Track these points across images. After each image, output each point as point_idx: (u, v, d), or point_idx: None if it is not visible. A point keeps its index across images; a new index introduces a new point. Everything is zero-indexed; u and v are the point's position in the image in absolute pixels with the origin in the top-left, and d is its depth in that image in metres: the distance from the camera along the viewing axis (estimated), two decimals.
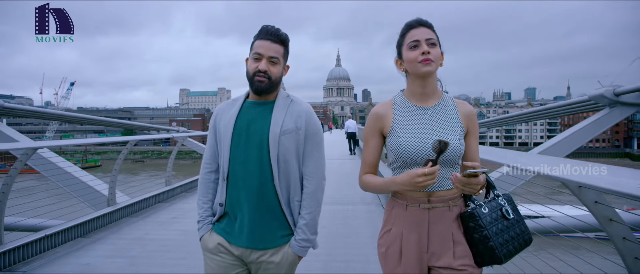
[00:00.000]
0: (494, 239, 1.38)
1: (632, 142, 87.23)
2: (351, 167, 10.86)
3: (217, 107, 1.74)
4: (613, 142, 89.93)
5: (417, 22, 1.49)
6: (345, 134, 17.49)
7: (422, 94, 1.52)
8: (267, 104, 1.65)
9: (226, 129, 1.62)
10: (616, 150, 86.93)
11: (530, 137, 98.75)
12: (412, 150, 1.45)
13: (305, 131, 1.63)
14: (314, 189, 1.65)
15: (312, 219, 1.64)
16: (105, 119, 9.91)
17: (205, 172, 1.71)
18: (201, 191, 1.71)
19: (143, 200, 5.80)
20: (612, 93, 6.07)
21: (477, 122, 1.56)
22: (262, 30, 1.62)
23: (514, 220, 1.44)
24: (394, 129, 1.50)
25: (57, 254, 3.74)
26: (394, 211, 1.52)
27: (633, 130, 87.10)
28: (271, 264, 1.60)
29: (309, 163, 1.65)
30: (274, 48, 1.60)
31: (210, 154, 1.71)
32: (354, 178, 1.63)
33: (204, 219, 1.68)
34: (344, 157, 14.12)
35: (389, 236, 1.51)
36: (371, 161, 1.59)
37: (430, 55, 1.44)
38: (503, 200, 1.47)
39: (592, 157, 78.17)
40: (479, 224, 1.39)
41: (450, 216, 1.45)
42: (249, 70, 1.61)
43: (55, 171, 6.68)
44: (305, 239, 1.62)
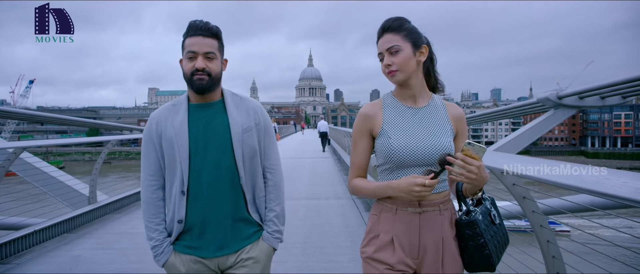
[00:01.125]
0: (489, 246, 1.35)
1: (586, 140, 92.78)
2: (323, 165, 11.36)
3: (153, 113, 1.58)
4: (570, 140, 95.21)
5: (381, 29, 1.45)
6: (317, 134, 18.59)
7: (410, 95, 1.48)
8: (216, 105, 1.57)
9: (179, 136, 1.49)
10: (573, 148, 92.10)
11: (495, 137, 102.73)
12: (403, 151, 1.40)
13: (264, 125, 1.61)
14: (278, 180, 1.65)
15: (282, 210, 1.64)
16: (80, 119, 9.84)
17: (153, 190, 1.55)
18: (151, 212, 1.55)
19: (124, 198, 5.95)
20: (556, 96, 6.85)
21: (466, 124, 1.54)
22: (191, 26, 1.51)
23: (499, 225, 1.42)
24: (384, 130, 1.45)
25: (46, 248, 3.94)
26: (383, 216, 1.44)
27: (588, 129, 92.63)
28: (249, 261, 1.56)
29: (270, 157, 1.64)
30: (208, 43, 1.50)
31: (154, 169, 1.55)
32: (327, 175, 1.53)
33: (162, 242, 1.53)
34: (317, 156, 14.58)
35: (378, 241, 1.43)
36: (361, 164, 1.52)
37: (393, 67, 1.40)
38: (489, 204, 1.44)
39: (551, 155, 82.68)
40: (477, 232, 1.36)
41: (441, 220, 1.41)
42: (186, 70, 1.50)
43: (31, 172, 6.72)
44: (278, 229, 1.61)
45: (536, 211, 2.14)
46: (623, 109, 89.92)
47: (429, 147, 1.40)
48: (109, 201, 5.68)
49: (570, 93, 6.73)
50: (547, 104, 7.03)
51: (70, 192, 6.60)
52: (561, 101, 6.80)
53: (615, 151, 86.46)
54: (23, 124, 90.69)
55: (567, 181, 1.50)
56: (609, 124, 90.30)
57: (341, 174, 9.12)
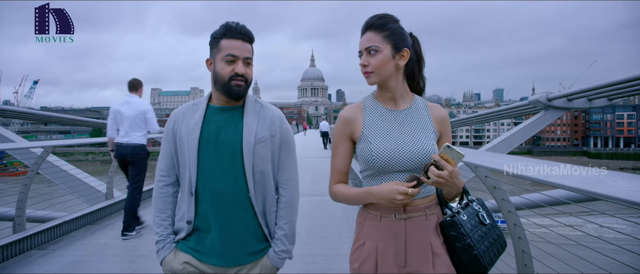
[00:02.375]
0: (477, 247, 1.30)
1: (588, 141, 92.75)
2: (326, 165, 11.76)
3: (174, 111, 1.57)
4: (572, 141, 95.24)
5: (364, 26, 1.40)
6: (319, 133, 21.25)
7: (391, 98, 1.43)
8: (235, 110, 1.51)
9: (190, 137, 1.46)
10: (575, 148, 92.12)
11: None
12: (384, 156, 1.35)
13: (280, 138, 1.54)
14: (291, 198, 1.56)
15: (290, 229, 1.56)
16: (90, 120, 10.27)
17: (162, 185, 1.55)
18: (158, 207, 1.54)
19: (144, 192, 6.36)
20: (546, 99, 7.23)
21: (449, 126, 1.49)
22: (229, 28, 1.45)
23: (490, 225, 1.37)
24: (365, 134, 1.40)
25: (74, 237, 4.36)
26: (367, 223, 1.41)
27: (590, 130, 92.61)
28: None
29: (284, 171, 1.56)
30: (248, 48, 1.47)
31: (167, 165, 1.55)
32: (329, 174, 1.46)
33: (165, 238, 1.52)
34: (319, 156, 15.05)
35: (363, 250, 1.39)
36: (341, 169, 1.47)
37: (368, 68, 1.37)
38: (477, 205, 1.39)
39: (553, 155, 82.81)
40: (461, 233, 1.31)
41: (428, 226, 1.36)
42: (223, 74, 1.44)
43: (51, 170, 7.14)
44: (285, 250, 1.54)
45: (505, 200, 2.49)
46: (626, 110, 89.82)
47: (412, 152, 1.36)
48: (124, 197, 6.10)
49: (559, 95, 7.11)
50: (538, 106, 7.42)
51: (87, 189, 7.01)
52: (551, 102, 7.18)
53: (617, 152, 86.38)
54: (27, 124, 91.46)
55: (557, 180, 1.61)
56: (611, 124, 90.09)
57: None
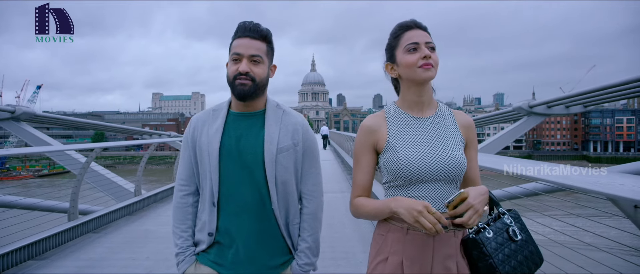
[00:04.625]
0: (500, 268, 1.21)
1: (588, 145, 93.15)
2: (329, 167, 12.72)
3: (194, 118, 1.51)
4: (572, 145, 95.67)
5: (414, 24, 1.36)
6: (320, 136, 24.07)
7: (418, 102, 1.37)
8: (255, 116, 1.46)
9: (211, 146, 1.41)
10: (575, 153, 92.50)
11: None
12: (413, 166, 1.29)
13: (303, 146, 1.47)
14: (315, 209, 1.51)
15: (314, 242, 1.50)
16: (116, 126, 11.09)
17: (182, 195, 1.49)
18: (178, 217, 1.49)
19: (164, 191, 7.19)
20: (528, 105, 8.05)
21: (475, 133, 1.43)
22: (239, 27, 1.42)
23: (522, 241, 1.27)
24: (391, 143, 1.33)
25: (118, 224, 5.21)
26: (390, 236, 1.32)
27: (590, 134, 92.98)
28: None
29: (308, 181, 1.50)
30: (255, 45, 1.40)
31: (187, 174, 1.49)
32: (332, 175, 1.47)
33: (185, 250, 1.46)
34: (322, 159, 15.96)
35: (386, 266, 1.30)
36: (363, 183, 1.39)
37: (430, 60, 1.30)
38: (509, 218, 1.30)
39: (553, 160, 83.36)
40: (483, 253, 1.23)
41: (455, 242, 1.29)
42: (229, 73, 1.41)
43: None
44: (309, 263, 1.49)
45: None
46: (625, 114, 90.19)
47: (441, 160, 1.30)
48: (152, 193, 6.91)
49: (540, 103, 7.93)
50: (521, 112, 8.24)
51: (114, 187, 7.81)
52: (532, 109, 8.00)
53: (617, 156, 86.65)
54: None
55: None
56: (611, 128, 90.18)
57: (345, 174, 10.46)
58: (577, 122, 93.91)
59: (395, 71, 1.39)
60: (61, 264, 3.66)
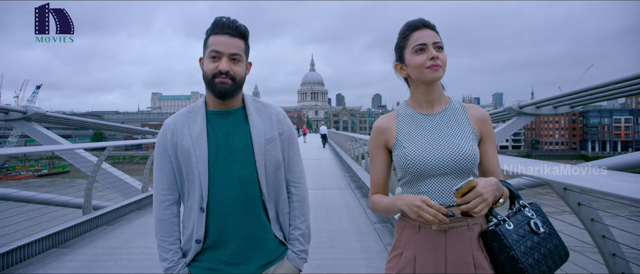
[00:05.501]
0: (522, 260, 1.18)
1: (587, 144, 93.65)
2: (327, 165, 13.10)
3: (168, 122, 1.45)
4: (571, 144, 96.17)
5: (422, 23, 1.37)
6: (319, 136, 25.09)
7: (427, 100, 1.40)
8: (236, 112, 1.45)
9: (197, 148, 1.37)
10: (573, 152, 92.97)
11: (497, 141, 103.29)
12: (419, 160, 1.32)
13: (287, 135, 1.50)
14: (303, 195, 1.53)
15: (307, 228, 1.52)
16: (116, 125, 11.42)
17: (166, 206, 1.42)
18: (165, 230, 1.41)
19: None
20: (518, 106, 8.39)
21: (492, 126, 1.43)
22: (216, 23, 1.39)
23: (545, 234, 1.24)
24: (399, 141, 1.38)
25: (130, 217, 5.55)
26: (405, 233, 1.36)
27: (588, 133, 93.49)
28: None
29: (294, 169, 1.52)
30: (235, 43, 1.38)
31: (168, 183, 1.42)
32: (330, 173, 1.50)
33: (176, 264, 1.40)
34: (320, 157, 16.42)
35: (401, 260, 1.35)
36: (379, 180, 1.45)
37: (438, 61, 1.33)
38: (530, 211, 1.28)
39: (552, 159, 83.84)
40: (504, 244, 1.20)
41: (470, 237, 1.28)
42: (207, 72, 1.37)
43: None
44: (304, 249, 1.49)
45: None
46: (623, 113, 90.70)
47: (447, 154, 1.32)
48: None
49: (529, 103, 8.28)
50: (511, 113, 8.59)
51: (122, 184, 8.16)
52: (522, 109, 8.35)
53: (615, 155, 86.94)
54: None
55: None
56: (609, 128, 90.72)
57: (343, 172, 10.88)
58: (575, 122, 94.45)
59: (404, 70, 1.41)
60: (82, 252, 4.01)
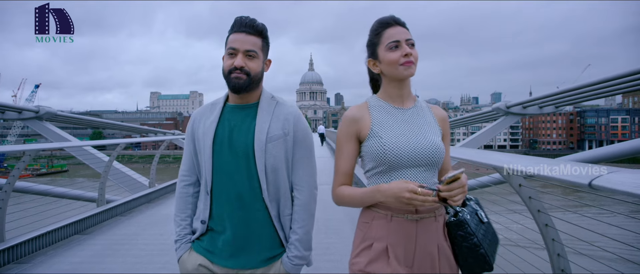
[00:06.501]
0: (483, 245, 1.29)
1: (584, 144, 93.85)
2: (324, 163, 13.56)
3: (194, 112, 1.58)
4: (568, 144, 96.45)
5: (394, 20, 1.41)
6: (317, 134, 26.71)
7: (399, 95, 1.44)
8: (250, 108, 1.50)
9: (206, 137, 1.47)
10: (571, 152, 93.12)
11: (494, 140, 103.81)
12: (397, 150, 1.34)
13: (294, 136, 1.49)
14: (306, 201, 1.51)
15: (305, 234, 1.50)
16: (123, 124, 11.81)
17: (183, 185, 1.56)
18: (179, 206, 1.56)
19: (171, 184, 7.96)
20: (505, 106, 8.86)
21: (449, 126, 1.52)
22: (235, 22, 1.46)
23: (487, 223, 1.37)
24: (374, 131, 1.39)
25: (140, 209, 5.99)
26: (375, 224, 1.36)
27: (585, 133, 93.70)
28: None
29: (299, 172, 1.51)
30: (250, 41, 1.44)
31: (188, 166, 1.56)
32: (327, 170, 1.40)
33: (182, 238, 1.53)
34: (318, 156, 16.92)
35: (370, 252, 1.34)
36: (346, 170, 1.44)
37: (411, 57, 1.36)
38: (475, 204, 1.39)
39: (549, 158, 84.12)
40: (468, 232, 1.29)
41: (437, 227, 1.35)
42: (224, 68, 1.45)
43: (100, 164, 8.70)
44: (299, 255, 1.49)
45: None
46: (619, 113, 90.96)
47: (423, 146, 1.36)
48: (163, 186, 7.68)
49: (516, 103, 8.74)
50: (499, 112, 9.05)
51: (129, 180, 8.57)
52: (509, 109, 8.81)
53: None
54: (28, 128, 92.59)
55: None
56: (606, 128, 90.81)
57: None
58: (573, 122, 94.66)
59: (377, 66, 1.44)
60: (102, 238, 4.44)
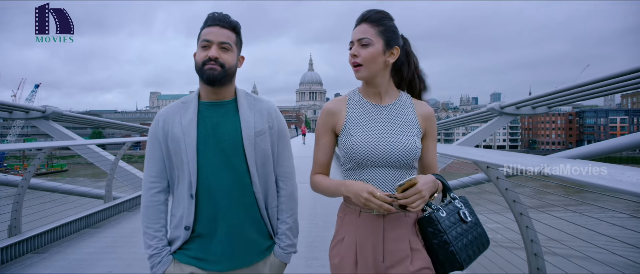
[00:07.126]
0: (453, 243, 1.29)
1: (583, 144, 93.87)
2: None
3: (160, 112, 1.48)
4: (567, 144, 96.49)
5: (359, 18, 1.40)
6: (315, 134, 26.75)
7: (375, 92, 1.43)
8: (228, 104, 1.47)
9: (187, 136, 1.39)
10: None
11: (493, 140, 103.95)
12: (364, 150, 1.35)
13: (278, 129, 1.51)
14: (292, 190, 1.55)
15: (294, 222, 1.54)
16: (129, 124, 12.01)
17: (153, 193, 1.44)
18: (150, 217, 1.43)
19: None
20: (499, 106, 9.09)
21: (435, 124, 1.48)
22: (209, 17, 1.44)
23: (471, 223, 1.36)
24: (347, 127, 1.40)
25: None
26: (347, 218, 1.41)
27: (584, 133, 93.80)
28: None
29: (283, 164, 1.54)
30: (225, 34, 1.42)
31: (157, 170, 1.45)
32: None
33: (161, 251, 1.41)
34: None
35: (342, 246, 1.39)
36: (322, 161, 1.48)
37: (358, 59, 1.36)
38: (459, 203, 1.38)
39: None
40: (438, 229, 1.30)
41: (407, 222, 1.36)
42: (197, 60, 1.41)
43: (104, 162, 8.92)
44: (291, 244, 1.52)
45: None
46: (618, 114, 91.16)
47: (391, 146, 1.37)
48: None
49: (510, 104, 8.98)
50: (494, 113, 9.28)
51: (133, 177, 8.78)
52: (503, 110, 9.05)
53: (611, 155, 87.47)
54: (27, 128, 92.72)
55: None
56: (604, 128, 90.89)
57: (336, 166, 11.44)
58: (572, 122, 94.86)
59: None
60: (111, 231, 4.67)
